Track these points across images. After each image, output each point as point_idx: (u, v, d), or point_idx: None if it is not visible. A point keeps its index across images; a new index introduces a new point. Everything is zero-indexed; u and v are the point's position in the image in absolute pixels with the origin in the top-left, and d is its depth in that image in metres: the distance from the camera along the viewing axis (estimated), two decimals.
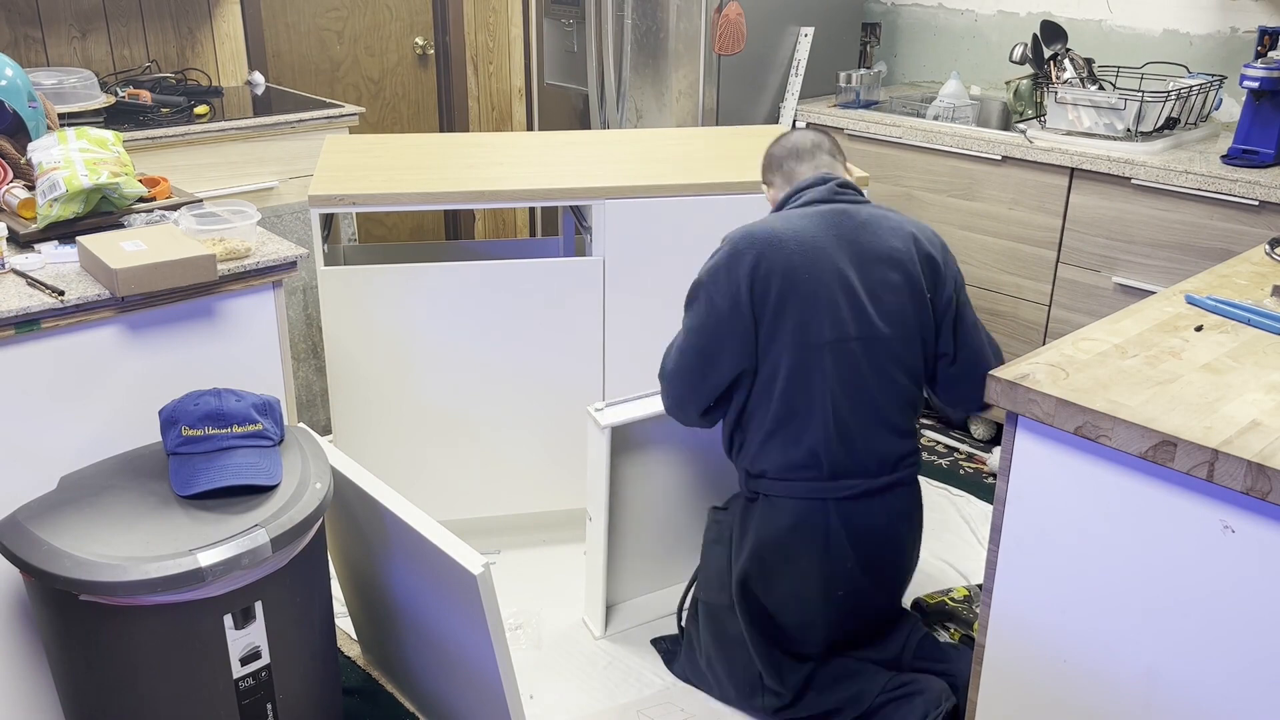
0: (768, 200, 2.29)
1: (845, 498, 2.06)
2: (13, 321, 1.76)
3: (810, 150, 2.23)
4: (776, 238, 2.04)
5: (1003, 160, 3.05)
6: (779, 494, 2.08)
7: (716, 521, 2.25)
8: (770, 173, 2.27)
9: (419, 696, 2.21)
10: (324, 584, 1.91)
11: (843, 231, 2.06)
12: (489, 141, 2.96)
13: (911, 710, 2.07)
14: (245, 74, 3.84)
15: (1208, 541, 1.38)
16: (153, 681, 1.69)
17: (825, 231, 2.06)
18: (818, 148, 2.23)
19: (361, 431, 2.58)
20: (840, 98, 3.56)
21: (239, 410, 1.82)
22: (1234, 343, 1.64)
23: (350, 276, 2.47)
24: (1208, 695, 1.43)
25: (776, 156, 2.26)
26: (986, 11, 3.70)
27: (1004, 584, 1.62)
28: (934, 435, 3.43)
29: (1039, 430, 1.51)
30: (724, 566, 2.19)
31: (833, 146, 2.26)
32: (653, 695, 2.30)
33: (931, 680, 2.10)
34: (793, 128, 3.50)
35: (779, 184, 2.24)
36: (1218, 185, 2.65)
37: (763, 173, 2.31)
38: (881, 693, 2.10)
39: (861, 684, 2.13)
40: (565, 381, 2.65)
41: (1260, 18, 3.08)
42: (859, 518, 2.07)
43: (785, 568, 2.10)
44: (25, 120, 2.15)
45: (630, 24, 3.60)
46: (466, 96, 4.51)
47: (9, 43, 3.34)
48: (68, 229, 2.01)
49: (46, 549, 1.61)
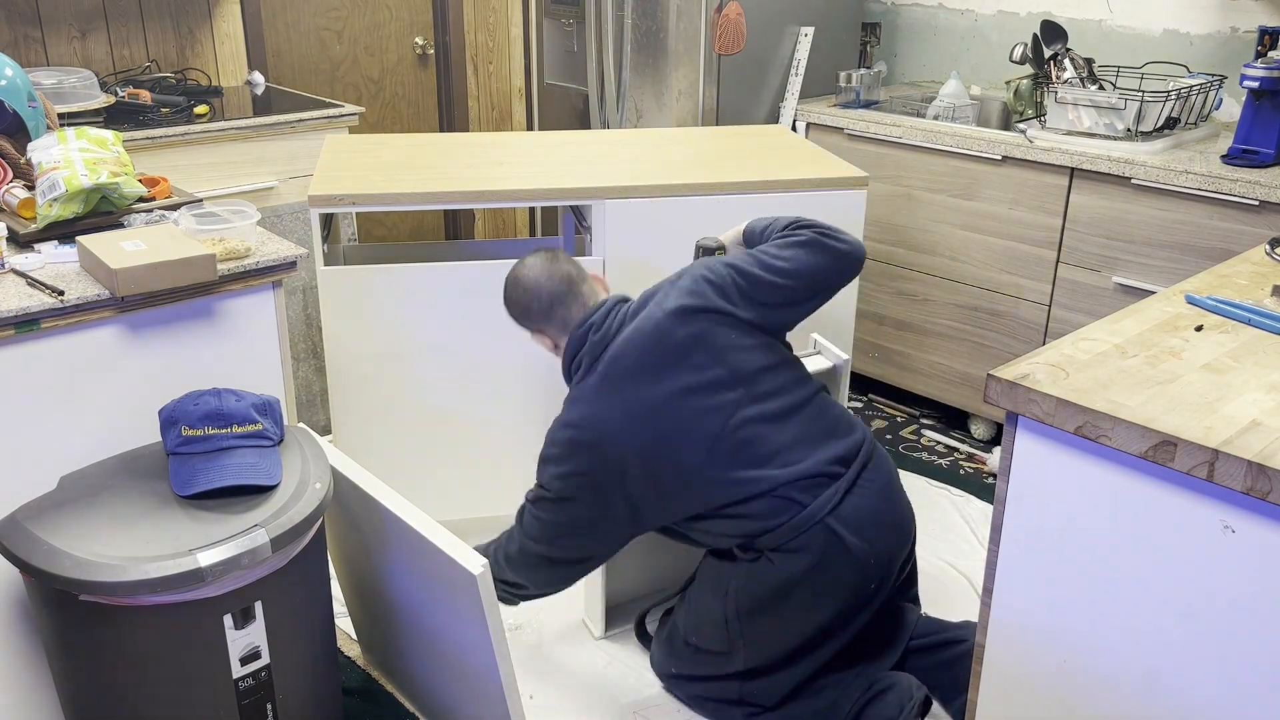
0: (546, 344, 2.21)
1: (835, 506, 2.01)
2: (13, 321, 1.76)
3: (563, 289, 2.15)
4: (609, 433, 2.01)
5: (1003, 160, 3.05)
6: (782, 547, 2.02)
7: (717, 575, 2.13)
8: (533, 322, 2.19)
9: (419, 696, 2.21)
10: (324, 584, 1.91)
11: (643, 368, 2.03)
12: (489, 141, 2.96)
13: (885, 707, 2.07)
14: (245, 74, 3.84)
15: (1208, 541, 1.38)
16: (153, 681, 1.69)
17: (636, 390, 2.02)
18: (568, 278, 2.16)
19: (361, 431, 2.58)
20: (840, 98, 3.56)
21: (239, 410, 1.82)
22: (1234, 343, 1.63)
23: (350, 276, 2.47)
24: (1208, 695, 1.43)
25: (536, 308, 2.16)
26: (986, 11, 3.70)
27: (1004, 584, 1.62)
28: (934, 435, 3.43)
29: (1039, 430, 1.51)
30: (719, 619, 2.10)
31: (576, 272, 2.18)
32: (652, 695, 2.30)
33: (900, 675, 2.12)
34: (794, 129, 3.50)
35: (555, 330, 2.17)
36: (1218, 185, 2.65)
37: (520, 322, 2.22)
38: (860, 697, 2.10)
39: (841, 691, 2.12)
40: None
41: (1260, 18, 3.08)
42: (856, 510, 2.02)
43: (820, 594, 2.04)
44: (25, 120, 2.15)
45: (630, 24, 3.60)
46: (466, 96, 4.51)
47: (9, 43, 3.34)
48: (68, 229, 2.01)
49: (46, 549, 1.60)
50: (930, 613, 2.57)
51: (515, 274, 2.20)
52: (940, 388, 3.39)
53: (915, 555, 2.24)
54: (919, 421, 3.54)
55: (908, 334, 3.42)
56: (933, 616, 2.28)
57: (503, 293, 2.23)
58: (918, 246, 3.32)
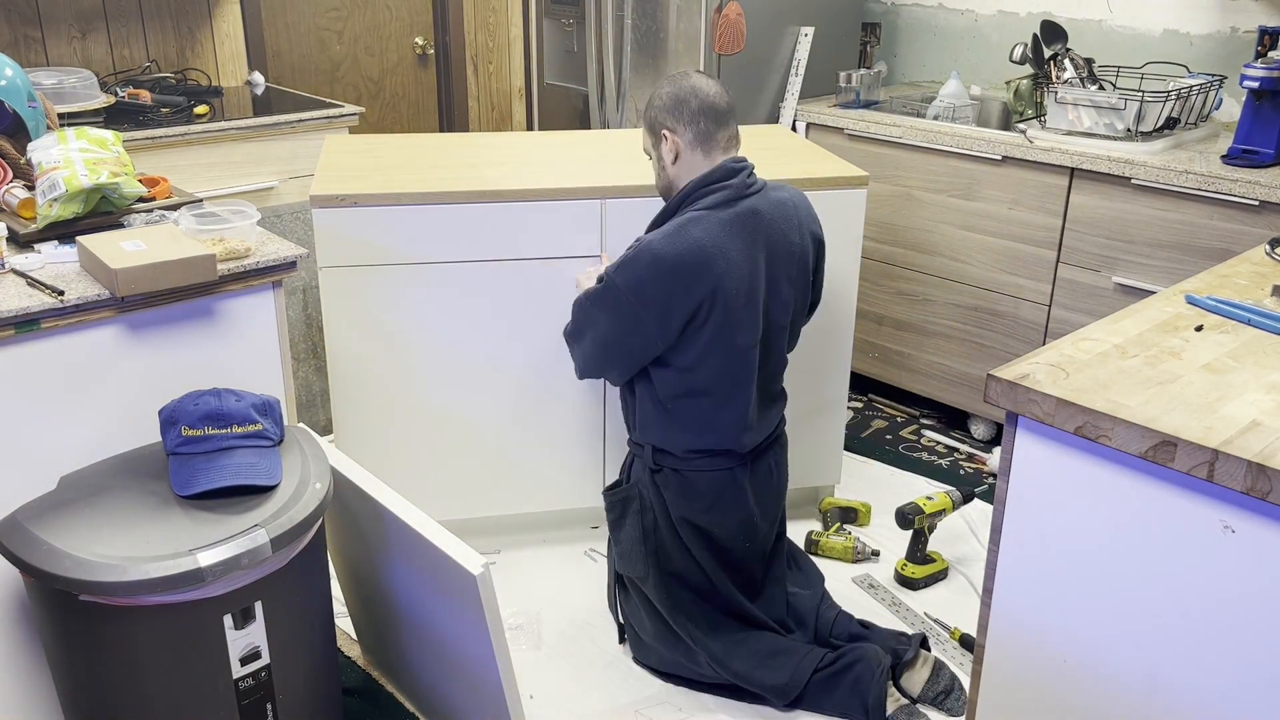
0: (665, 149, 2.14)
1: (747, 460, 2.24)
2: (13, 321, 1.76)
3: (725, 113, 2.12)
4: (707, 259, 2.04)
5: (1003, 160, 3.05)
6: (692, 470, 2.21)
7: (621, 500, 2.29)
8: (675, 120, 2.11)
9: (419, 696, 2.21)
10: (324, 584, 1.91)
11: (756, 237, 2.12)
12: (489, 141, 2.96)
13: (856, 680, 2.19)
14: (245, 74, 3.84)
15: (1208, 541, 1.38)
16: (153, 681, 1.69)
17: (744, 246, 2.09)
18: (730, 111, 2.13)
19: (361, 431, 2.58)
20: (840, 98, 3.56)
21: (239, 410, 1.81)
22: (1234, 343, 1.64)
23: (350, 276, 2.46)
24: (1208, 695, 1.43)
25: (690, 107, 2.09)
26: (986, 11, 3.70)
27: (1004, 584, 1.62)
28: (934, 435, 3.43)
29: (1039, 430, 1.51)
30: (637, 537, 2.25)
31: (731, 101, 2.17)
32: (652, 695, 2.30)
33: (864, 647, 2.24)
34: (791, 127, 3.50)
35: (688, 140, 2.11)
36: (1218, 185, 2.65)
37: (660, 115, 2.13)
38: (817, 670, 2.21)
39: (797, 662, 2.22)
40: (565, 381, 2.64)
41: (1260, 18, 3.08)
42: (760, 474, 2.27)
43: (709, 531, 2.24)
44: (25, 120, 2.15)
45: (630, 24, 3.60)
46: (466, 96, 4.51)
47: (9, 43, 3.34)
48: (68, 229, 2.01)
49: (46, 549, 1.60)
50: (930, 612, 2.57)
51: (689, 80, 2.13)
52: (940, 388, 3.39)
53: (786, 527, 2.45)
54: (919, 421, 3.54)
55: (907, 334, 3.42)
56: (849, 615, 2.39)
57: (660, 91, 2.14)
58: (918, 246, 3.32)
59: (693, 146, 2.12)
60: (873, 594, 2.63)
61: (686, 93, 2.11)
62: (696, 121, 2.10)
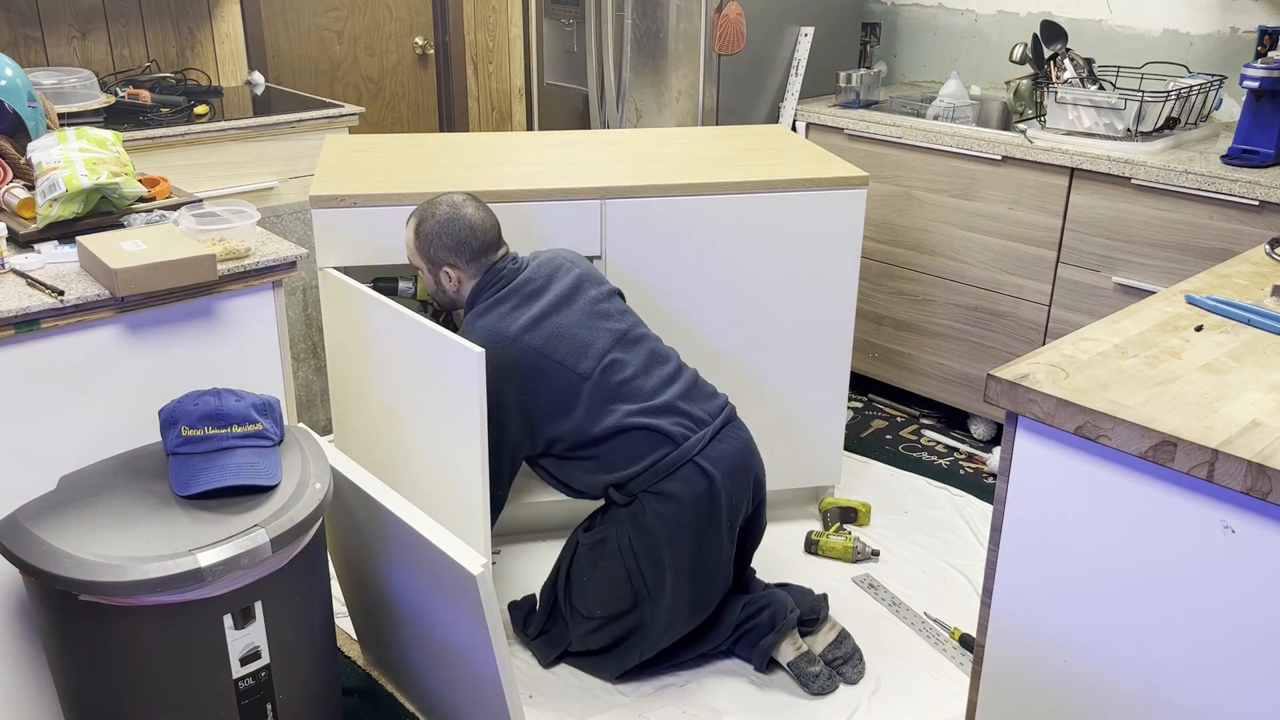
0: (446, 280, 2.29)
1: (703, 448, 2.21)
2: (13, 321, 1.76)
3: (497, 239, 2.30)
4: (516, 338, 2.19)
5: (1003, 160, 3.05)
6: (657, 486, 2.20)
7: (600, 541, 2.27)
8: (458, 257, 2.26)
9: (419, 696, 2.21)
10: (324, 584, 1.91)
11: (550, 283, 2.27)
12: (489, 141, 2.96)
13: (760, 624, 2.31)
14: (245, 74, 3.84)
15: (1208, 541, 1.38)
16: (153, 681, 1.69)
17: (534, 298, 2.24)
18: (498, 229, 2.31)
19: (362, 431, 2.58)
20: (840, 98, 3.56)
21: (239, 410, 1.81)
22: (1234, 343, 1.64)
23: (350, 276, 2.46)
24: (1208, 694, 1.43)
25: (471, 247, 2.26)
26: (986, 11, 3.70)
27: (1004, 584, 1.62)
28: (934, 435, 3.43)
29: (1039, 430, 1.51)
30: (622, 576, 2.24)
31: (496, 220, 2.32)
32: (653, 695, 2.30)
33: (775, 593, 2.36)
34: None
35: (471, 272, 2.28)
36: (1218, 185, 2.65)
37: (440, 254, 2.27)
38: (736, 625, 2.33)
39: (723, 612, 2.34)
40: None
41: (1260, 18, 3.08)
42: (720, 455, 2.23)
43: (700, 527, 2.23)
44: (25, 120, 2.15)
45: (630, 24, 3.60)
46: (466, 96, 4.51)
47: (9, 43, 3.34)
48: (68, 229, 2.01)
49: (46, 549, 1.60)
50: (930, 612, 2.57)
51: (463, 216, 2.26)
52: (940, 388, 3.39)
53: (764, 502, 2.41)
54: (919, 421, 3.54)
55: (907, 334, 3.42)
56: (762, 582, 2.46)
57: (427, 224, 2.27)
58: (918, 246, 3.32)
59: (474, 275, 2.30)
60: (873, 594, 2.63)
61: (465, 233, 2.25)
62: (477, 258, 2.28)
